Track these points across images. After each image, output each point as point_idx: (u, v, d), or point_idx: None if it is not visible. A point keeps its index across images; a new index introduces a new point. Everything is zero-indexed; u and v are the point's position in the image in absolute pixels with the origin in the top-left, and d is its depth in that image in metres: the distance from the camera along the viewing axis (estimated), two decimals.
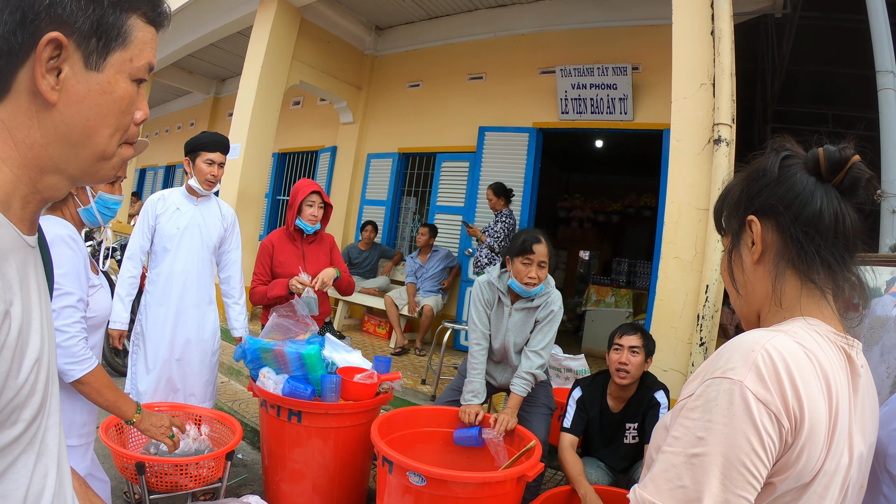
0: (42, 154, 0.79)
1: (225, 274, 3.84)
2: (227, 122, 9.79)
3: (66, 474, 0.92)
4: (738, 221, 1.09)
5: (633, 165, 11.95)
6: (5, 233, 0.74)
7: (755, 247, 1.05)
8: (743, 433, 0.85)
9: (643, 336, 3.20)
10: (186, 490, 2.90)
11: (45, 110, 0.77)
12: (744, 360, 0.89)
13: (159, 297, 3.58)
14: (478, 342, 3.42)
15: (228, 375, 6.02)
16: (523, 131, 7.36)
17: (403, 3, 8.27)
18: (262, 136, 7.91)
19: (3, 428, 0.73)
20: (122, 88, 0.81)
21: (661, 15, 5.94)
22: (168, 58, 10.80)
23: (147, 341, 3.59)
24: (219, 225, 3.71)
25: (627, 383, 3.19)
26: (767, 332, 0.94)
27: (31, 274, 0.81)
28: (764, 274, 1.05)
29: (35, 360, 0.76)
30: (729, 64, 3.71)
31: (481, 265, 6.34)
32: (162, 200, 3.63)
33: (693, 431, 0.89)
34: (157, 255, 3.62)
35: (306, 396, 3.14)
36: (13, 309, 0.72)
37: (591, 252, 13.22)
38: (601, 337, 7.66)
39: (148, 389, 3.55)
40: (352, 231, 9.22)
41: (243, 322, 3.87)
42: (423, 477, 2.48)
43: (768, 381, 0.86)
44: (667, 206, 3.96)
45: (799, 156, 1.04)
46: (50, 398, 0.84)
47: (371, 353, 6.16)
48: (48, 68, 0.75)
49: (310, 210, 3.83)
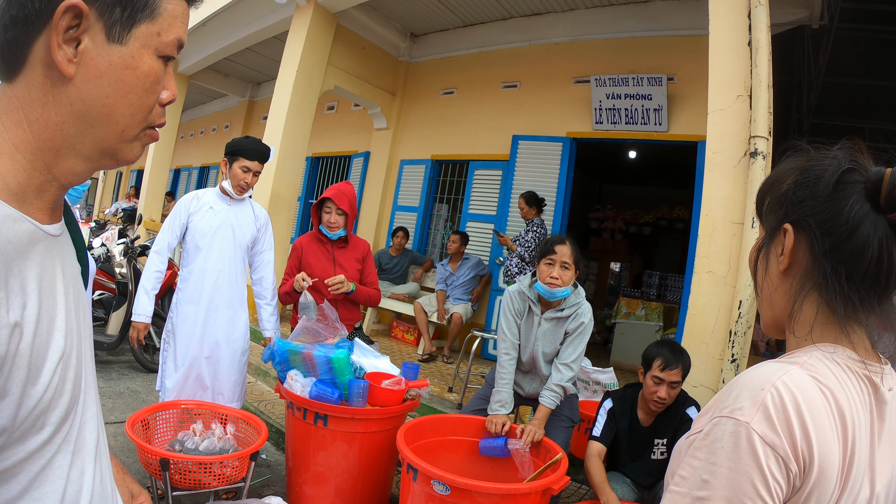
0: (57, 134, 0.74)
1: (258, 275, 3.87)
2: (262, 125, 9.90)
3: (107, 466, 0.91)
4: (775, 221, 1.00)
5: (666, 177, 11.84)
6: (21, 228, 0.70)
7: (783, 258, 0.97)
8: (748, 478, 0.81)
9: (683, 365, 3.10)
10: (209, 488, 2.92)
11: (61, 85, 0.72)
12: (752, 400, 0.84)
13: (190, 295, 3.62)
14: (507, 352, 3.40)
15: (256, 376, 6.07)
16: (557, 141, 7.32)
17: (438, 11, 8.30)
18: (295, 139, 7.97)
19: (31, 434, 0.71)
20: (147, 64, 0.76)
21: (697, 25, 5.89)
22: (204, 60, 10.96)
23: (177, 338, 3.62)
24: (252, 225, 3.74)
25: (661, 412, 3.16)
26: (781, 367, 0.88)
27: (57, 265, 0.77)
28: (787, 289, 0.99)
29: (59, 359, 0.74)
30: (766, 75, 3.65)
31: (511, 274, 6.31)
32: (196, 199, 3.68)
33: (699, 473, 0.86)
34: (190, 252, 3.65)
35: (333, 400, 3.14)
36: (26, 313, 0.69)
37: (622, 264, 13.08)
38: (630, 350, 7.59)
39: (176, 386, 3.59)
40: (383, 237, 9.24)
41: (275, 323, 3.90)
42: (448, 486, 2.47)
43: (776, 423, 0.82)
44: (701, 219, 3.90)
45: (862, 171, 0.92)
46: (83, 393, 0.82)
47: (399, 359, 6.17)
48: (66, 38, 0.70)
49: (326, 216, 3.83)
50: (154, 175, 12.27)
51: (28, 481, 0.72)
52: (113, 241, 6.89)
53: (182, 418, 3.37)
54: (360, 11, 8.28)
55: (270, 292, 3.88)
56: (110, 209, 13.74)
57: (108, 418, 4.58)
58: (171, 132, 12.46)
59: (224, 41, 9.84)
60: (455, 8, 8.15)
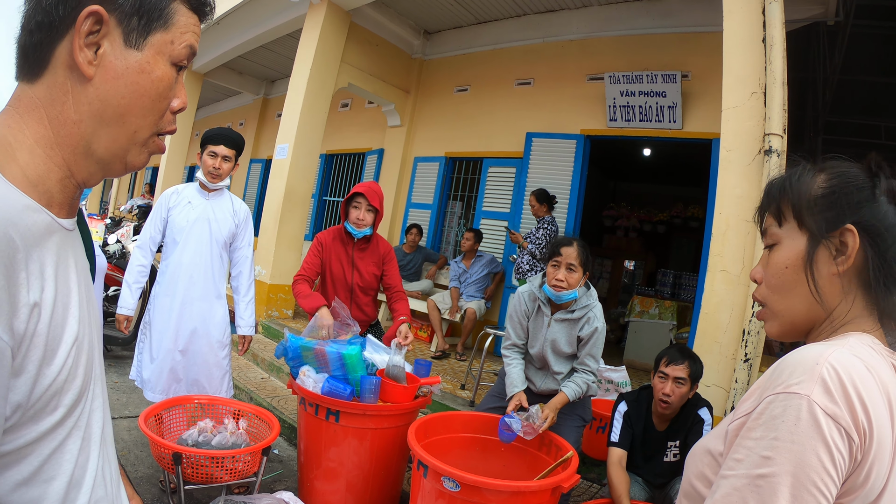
0: (74, 132, 0.79)
1: (236, 270, 3.85)
2: (276, 122, 9.95)
3: (112, 456, 0.94)
4: (825, 223, 0.99)
5: (680, 175, 11.76)
6: (39, 218, 0.75)
7: (846, 258, 0.97)
8: (813, 450, 0.80)
9: (690, 364, 3.08)
10: (221, 482, 2.95)
11: (80, 85, 0.78)
12: (809, 374, 0.84)
13: (166, 288, 3.65)
14: (507, 351, 3.47)
15: (269, 372, 6.10)
16: (571, 138, 7.31)
17: (452, 8, 8.30)
18: (309, 137, 8.01)
19: (44, 415, 0.74)
20: (160, 70, 0.82)
21: (711, 22, 5.85)
22: (219, 58, 11.03)
23: (153, 331, 3.66)
24: (230, 220, 3.73)
25: (668, 414, 3.14)
26: (828, 347, 0.89)
27: (70, 257, 0.82)
28: (838, 287, 0.99)
29: (73, 343, 0.77)
30: (780, 72, 3.62)
31: (523, 272, 6.30)
32: (175, 194, 3.71)
33: (757, 451, 0.84)
34: (168, 246, 3.69)
35: (345, 396, 3.15)
36: (44, 295, 0.73)
37: (636, 262, 13.03)
38: (643, 349, 7.56)
39: (151, 377, 3.63)
40: (397, 234, 9.27)
41: (249, 320, 3.87)
42: (458, 483, 2.47)
43: (836, 395, 0.82)
44: (714, 217, 3.88)
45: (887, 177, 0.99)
46: (93, 381, 0.86)
47: (412, 356, 6.19)
48: (88, 42, 0.76)
49: (355, 212, 3.79)
50: (169, 172, 12.36)
51: (39, 463, 0.75)
52: (128, 237, 6.96)
53: (195, 413, 3.40)
54: (373, 9, 8.30)
55: (246, 287, 3.86)
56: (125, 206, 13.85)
57: (122, 412, 4.63)
58: (185, 130, 12.54)
59: (238, 39, 9.88)
60: (469, 5, 8.14)
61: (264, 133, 13.31)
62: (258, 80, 13.67)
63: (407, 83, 9.38)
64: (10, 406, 0.70)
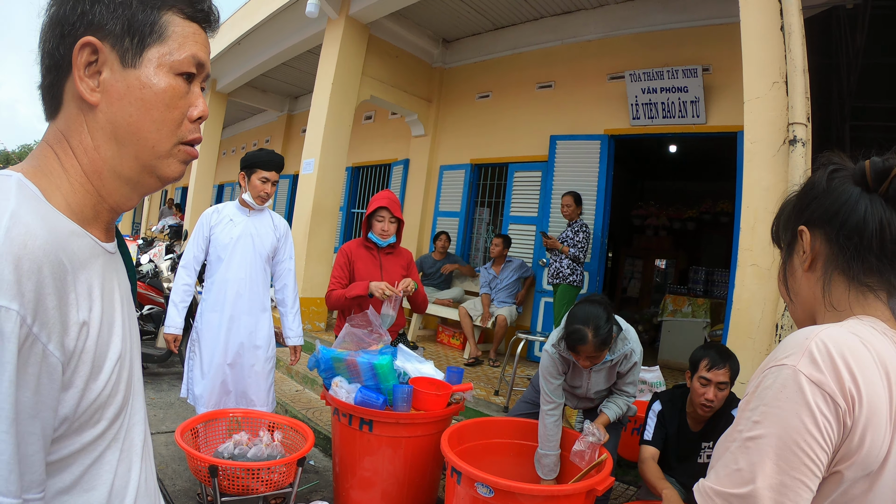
0: (96, 158, 0.83)
1: (280, 283, 3.95)
2: (301, 138, 10.05)
3: (151, 469, 0.98)
4: (790, 233, 1.14)
5: (708, 170, 11.59)
6: (83, 242, 0.80)
7: (805, 255, 1.09)
8: (796, 414, 0.87)
9: (731, 366, 2.98)
10: (258, 494, 2.99)
11: (90, 113, 0.82)
12: (798, 348, 0.91)
13: (213, 304, 3.74)
14: (550, 413, 3.17)
15: (304, 384, 6.15)
16: (595, 139, 7.27)
17: (469, 15, 8.34)
18: (335, 150, 8.09)
19: (87, 427, 0.79)
20: (163, 81, 0.84)
21: (728, 13, 5.79)
22: (241, 77, 11.22)
23: (202, 347, 3.74)
24: (271, 235, 3.83)
25: (705, 415, 3.09)
26: (823, 327, 0.96)
27: (114, 278, 0.87)
28: (815, 280, 1.08)
29: (117, 360, 0.82)
30: (801, 60, 3.57)
31: (564, 276, 6.25)
32: (216, 213, 3.81)
33: (749, 418, 0.92)
34: (213, 264, 3.78)
35: (378, 406, 3.18)
36: (92, 315, 0.77)
37: (668, 261, 12.89)
38: (677, 348, 7.47)
39: (203, 393, 3.71)
40: (425, 243, 9.30)
41: (297, 330, 3.98)
42: (491, 489, 2.48)
43: (821, 364, 0.88)
44: (742, 211, 3.83)
45: (847, 168, 1.07)
46: (133, 396, 0.91)
47: (444, 364, 6.19)
48: (89, 73, 0.81)
49: (379, 225, 3.85)
50: (198, 191, 12.57)
51: (80, 472, 0.79)
52: (161, 256, 7.07)
53: (230, 426, 3.45)
54: (391, 21, 8.37)
55: (292, 299, 3.96)
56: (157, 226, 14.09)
57: (159, 428, 4.71)
58: (212, 149, 12.74)
59: (259, 58, 10.04)
60: (485, 11, 8.17)
61: (290, 149, 13.44)
62: (281, 97, 13.85)
63: (429, 92, 9.43)
64: (59, 418, 0.74)
